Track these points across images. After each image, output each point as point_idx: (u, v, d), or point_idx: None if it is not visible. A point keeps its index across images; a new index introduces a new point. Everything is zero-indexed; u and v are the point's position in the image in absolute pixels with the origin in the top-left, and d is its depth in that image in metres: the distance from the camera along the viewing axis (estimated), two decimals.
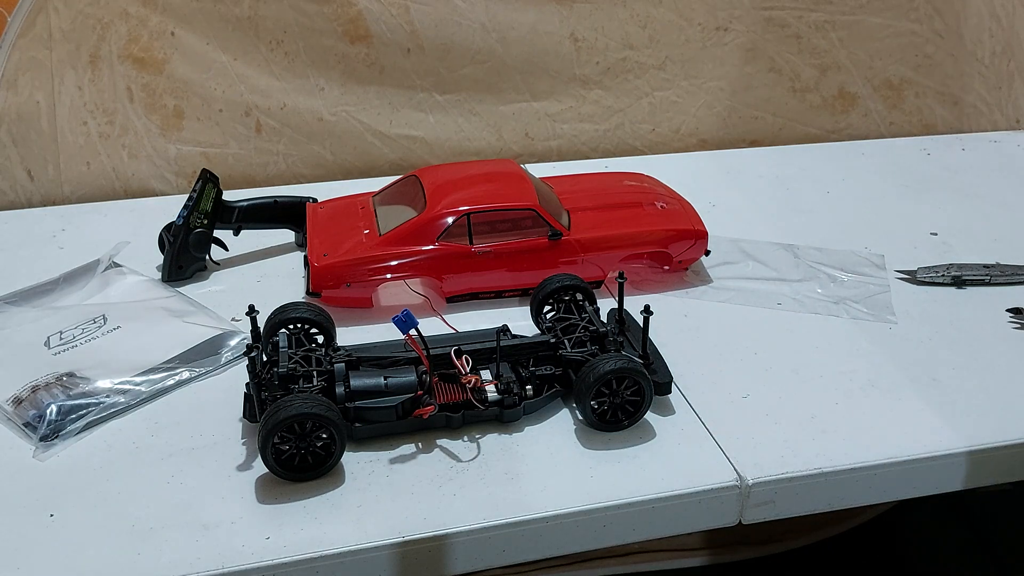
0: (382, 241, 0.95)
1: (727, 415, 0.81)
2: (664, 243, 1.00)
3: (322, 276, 0.94)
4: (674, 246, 1.01)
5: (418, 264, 0.95)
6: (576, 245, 0.98)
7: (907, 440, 0.79)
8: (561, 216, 0.99)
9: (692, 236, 1.01)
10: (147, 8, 1.20)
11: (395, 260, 0.94)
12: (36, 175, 1.23)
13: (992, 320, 0.97)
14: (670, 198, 1.07)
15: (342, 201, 1.07)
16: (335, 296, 0.95)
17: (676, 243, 1.01)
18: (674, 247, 1.01)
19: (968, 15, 1.46)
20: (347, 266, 0.94)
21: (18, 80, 1.19)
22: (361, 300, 0.95)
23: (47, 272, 1.01)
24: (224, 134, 1.28)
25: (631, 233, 1.00)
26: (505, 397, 0.78)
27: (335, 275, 0.94)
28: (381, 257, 0.94)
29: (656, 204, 1.05)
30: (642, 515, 0.73)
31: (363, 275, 0.94)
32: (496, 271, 0.96)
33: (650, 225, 1.01)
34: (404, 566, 0.69)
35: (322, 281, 0.94)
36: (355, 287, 0.94)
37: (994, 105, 1.52)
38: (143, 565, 0.66)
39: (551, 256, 0.97)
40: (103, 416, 0.80)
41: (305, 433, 0.71)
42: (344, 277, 0.94)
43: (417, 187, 0.99)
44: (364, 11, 1.26)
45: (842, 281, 1.03)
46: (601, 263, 0.99)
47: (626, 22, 1.36)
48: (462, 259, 0.95)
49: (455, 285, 0.97)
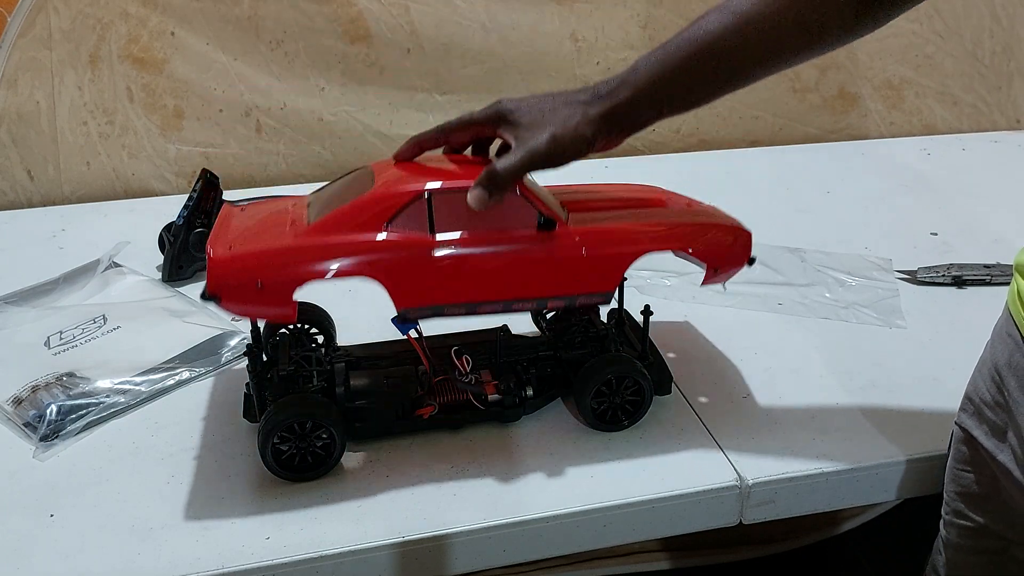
0: (310, 230, 0.70)
1: (727, 415, 0.81)
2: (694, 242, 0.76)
3: (222, 273, 0.67)
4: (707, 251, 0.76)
5: (360, 257, 0.69)
6: (576, 238, 0.73)
7: (907, 440, 0.79)
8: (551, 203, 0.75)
9: (732, 235, 0.77)
10: (147, 8, 1.20)
11: (325, 253, 0.68)
12: (36, 175, 1.23)
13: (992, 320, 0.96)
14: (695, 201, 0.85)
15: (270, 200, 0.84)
16: (241, 302, 0.68)
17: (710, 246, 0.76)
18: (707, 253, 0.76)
19: (968, 15, 1.46)
20: (258, 258, 0.68)
21: (18, 80, 1.19)
22: (278, 311, 0.69)
23: (47, 272, 1.01)
24: (224, 134, 1.28)
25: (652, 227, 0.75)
26: (505, 397, 0.78)
27: (241, 271, 0.68)
28: (306, 249, 0.68)
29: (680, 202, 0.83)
30: (642, 515, 0.73)
31: (280, 272, 0.68)
32: (466, 275, 0.71)
33: (678, 219, 0.78)
34: (404, 566, 0.69)
35: (222, 280, 0.67)
36: (269, 289, 0.68)
37: (994, 105, 1.52)
38: (143, 565, 0.66)
39: (542, 253, 0.72)
40: (103, 416, 0.80)
41: (305, 433, 0.71)
42: (253, 273, 0.67)
43: (367, 174, 0.75)
44: (364, 11, 1.26)
45: (850, 285, 1.03)
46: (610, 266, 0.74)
47: (626, 22, 1.36)
48: (419, 255, 0.69)
49: (410, 292, 0.70)
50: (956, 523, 0.74)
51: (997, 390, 0.67)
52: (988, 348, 0.71)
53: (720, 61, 0.68)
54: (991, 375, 0.68)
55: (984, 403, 0.69)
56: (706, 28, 0.67)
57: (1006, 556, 0.71)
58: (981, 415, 0.69)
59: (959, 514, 0.73)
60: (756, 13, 0.66)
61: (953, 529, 0.74)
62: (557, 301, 0.74)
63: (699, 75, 0.69)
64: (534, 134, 0.69)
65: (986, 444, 0.68)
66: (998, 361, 0.67)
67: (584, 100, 0.70)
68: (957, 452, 0.73)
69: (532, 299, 0.74)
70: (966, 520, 0.73)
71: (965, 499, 0.73)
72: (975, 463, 0.70)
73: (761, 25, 0.66)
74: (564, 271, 0.73)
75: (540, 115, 0.70)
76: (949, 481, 0.74)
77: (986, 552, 0.72)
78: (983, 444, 0.68)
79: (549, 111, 0.70)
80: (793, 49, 0.68)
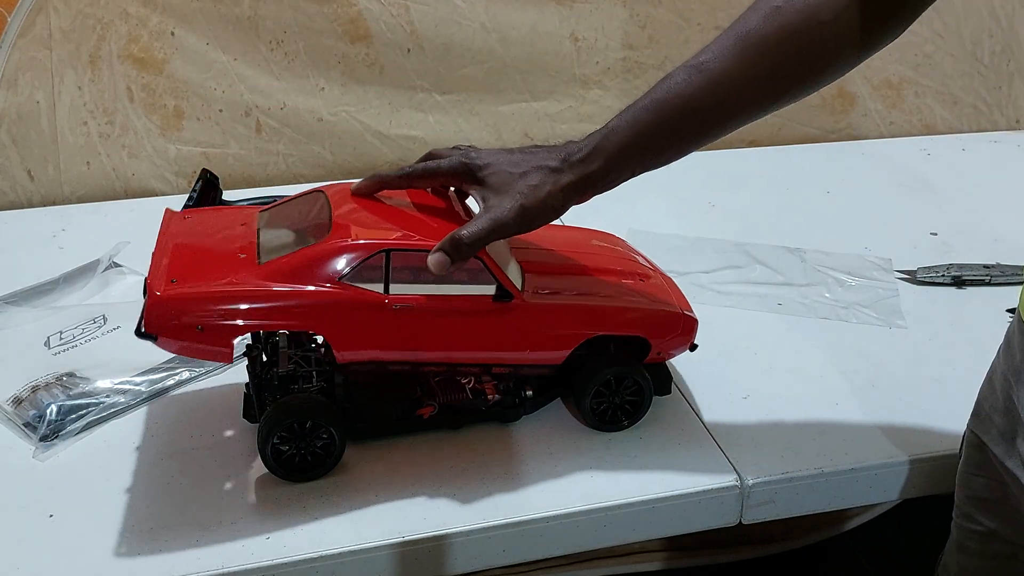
0: (262, 272, 0.68)
1: (727, 415, 0.81)
2: (645, 328, 0.78)
3: (162, 312, 0.66)
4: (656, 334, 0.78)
5: (307, 311, 0.68)
6: (529, 315, 0.73)
7: (907, 440, 0.79)
8: (511, 269, 0.75)
9: (679, 324, 0.79)
10: (147, 8, 1.20)
11: (274, 301, 0.68)
12: (36, 175, 1.23)
13: (992, 320, 0.97)
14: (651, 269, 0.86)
15: (216, 212, 0.83)
16: (178, 342, 0.67)
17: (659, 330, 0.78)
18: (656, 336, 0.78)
19: (968, 15, 1.46)
20: (202, 301, 0.66)
21: (18, 80, 1.18)
22: (216, 352, 0.68)
23: (47, 272, 1.01)
24: (224, 134, 1.28)
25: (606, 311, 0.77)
26: (505, 397, 0.78)
27: (182, 311, 0.66)
28: (254, 295, 0.67)
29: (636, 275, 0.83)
30: (642, 515, 0.73)
31: (224, 318, 0.67)
32: (416, 336, 0.71)
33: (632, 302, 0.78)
34: (404, 566, 0.69)
35: (161, 319, 0.66)
36: (209, 333, 0.66)
37: (994, 105, 1.52)
38: (143, 565, 0.66)
39: (495, 325, 0.73)
40: (103, 416, 0.80)
41: (305, 433, 0.71)
42: (196, 317, 0.66)
43: (323, 205, 0.74)
44: (364, 11, 1.26)
45: (850, 285, 1.03)
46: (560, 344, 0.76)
47: (626, 22, 1.36)
48: (370, 312, 0.69)
49: (355, 347, 0.70)
50: (966, 527, 0.74)
51: (1007, 396, 0.67)
52: (999, 354, 0.71)
53: (693, 121, 0.67)
54: (1001, 381, 0.68)
55: (994, 409, 0.69)
56: (677, 90, 0.66)
57: (1016, 561, 0.71)
58: (991, 421, 0.69)
59: (969, 518, 0.73)
60: (726, 70, 0.65)
61: (963, 532, 0.74)
62: (503, 368, 0.76)
63: (672, 136, 0.68)
64: (502, 201, 0.69)
65: (995, 450, 0.68)
66: (1008, 367, 0.67)
67: (554, 167, 0.69)
68: (968, 457, 0.73)
69: (479, 364, 0.75)
70: (976, 524, 0.73)
71: (975, 503, 0.72)
72: (985, 468, 0.70)
73: (733, 82, 0.65)
74: (514, 344, 0.74)
75: (509, 179, 0.69)
76: (960, 485, 0.74)
77: (996, 557, 0.72)
78: (992, 450, 0.68)
79: (520, 176, 0.69)
80: (767, 102, 0.67)
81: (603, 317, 0.76)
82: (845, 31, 0.63)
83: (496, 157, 0.71)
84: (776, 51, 0.64)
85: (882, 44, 0.66)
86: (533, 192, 0.68)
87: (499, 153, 0.72)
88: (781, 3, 0.64)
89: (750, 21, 0.65)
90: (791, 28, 0.64)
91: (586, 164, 0.69)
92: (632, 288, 0.80)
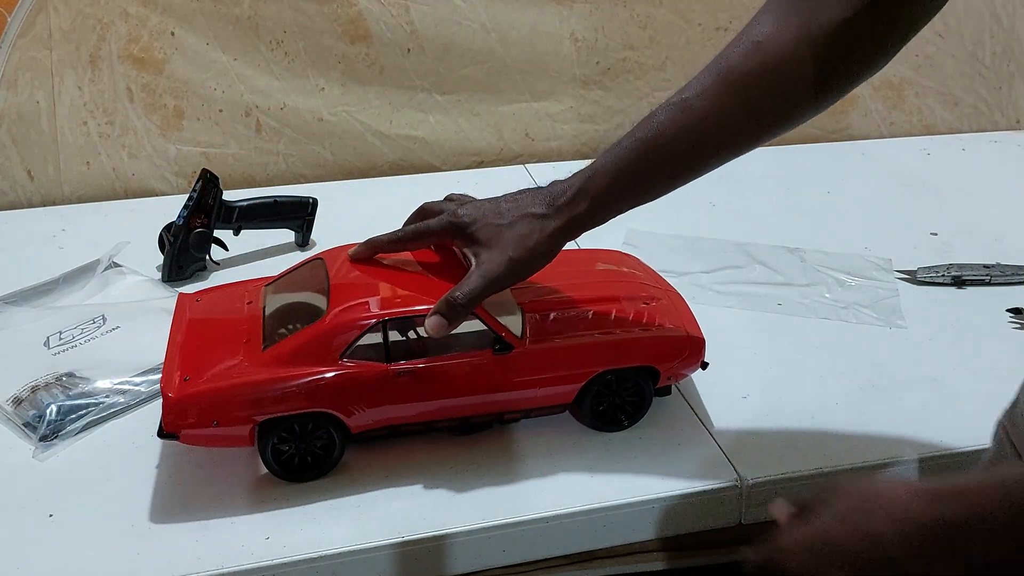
0: (265, 359, 0.70)
1: (727, 415, 0.81)
2: (652, 357, 0.77)
3: (178, 411, 0.68)
4: (663, 360, 0.77)
5: (315, 392, 0.69)
6: (531, 362, 0.74)
7: (907, 440, 0.79)
8: (511, 314, 0.76)
9: (686, 347, 0.78)
10: (147, 8, 1.20)
11: (281, 388, 0.69)
12: (36, 175, 1.23)
13: (992, 320, 0.97)
14: (656, 288, 0.84)
15: (225, 291, 0.83)
16: (200, 437, 0.70)
17: (666, 357, 0.77)
18: (663, 362, 0.77)
19: (968, 15, 1.46)
20: (212, 398, 0.69)
21: (18, 80, 1.18)
22: (237, 438, 0.70)
23: (47, 272, 1.01)
24: (224, 134, 1.28)
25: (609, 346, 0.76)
26: None
27: (197, 409, 0.69)
28: (261, 385, 0.69)
29: (640, 299, 0.81)
30: (642, 515, 0.73)
31: (236, 409, 0.69)
32: (424, 398, 0.72)
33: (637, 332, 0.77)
34: (404, 566, 0.69)
35: (178, 418, 0.68)
36: (225, 426, 0.69)
37: (994, 105, 1.52)
38: (143, 565, 0.66)
39: (498, 376, 0.73)
40: (103, 416, 0.80)
41: (305, 433, 0.71)
42: (209, 415, 0.69)
43: (321, 276, 0.75)
44: (364, 11, 1.26)
45: (850, 285, 1.03)
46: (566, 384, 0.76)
47: (626, 22, 1.36)
48: (375, 383, 0.71)
49: (366, 419, 0.72)
50: None
51: None
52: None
53: (678, 159, 0.68)
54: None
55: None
56: (660, 129, 0.67)
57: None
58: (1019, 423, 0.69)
59: None
60: (709, 108, 0.65)
61: None
62: (514, 415, 0.77)
63: (657, 175, 0.69)
64: (492, 256, 0.70)
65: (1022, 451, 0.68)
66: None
67: (540, 213, 0.70)
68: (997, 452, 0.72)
69: (488, 414, 0.76)
70: None
71: None
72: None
73: (716, 120, 0.65)
74: (520, 391, 0.75)
75: (497, 232, 0.70)
76: None
77: None
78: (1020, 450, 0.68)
79: (506, 227, 0.70)
80: (751, 138, 0.67)
81: (608, 352, 0.76)
82: (824, 67, 0.63)
83: (482, 211, 0.72)
84: (757, 88, 0.64)
85: (863, 78, 0.65)
86: (522, 243, 0.70)
87: (485, 205, 0.73)
88: (762, 39, 0.64)
89: (731, 57, 0.65)
90: (771, 64, 0.64)
91: (572, 207, 0.70)
92: (637, 317, 0.79)
